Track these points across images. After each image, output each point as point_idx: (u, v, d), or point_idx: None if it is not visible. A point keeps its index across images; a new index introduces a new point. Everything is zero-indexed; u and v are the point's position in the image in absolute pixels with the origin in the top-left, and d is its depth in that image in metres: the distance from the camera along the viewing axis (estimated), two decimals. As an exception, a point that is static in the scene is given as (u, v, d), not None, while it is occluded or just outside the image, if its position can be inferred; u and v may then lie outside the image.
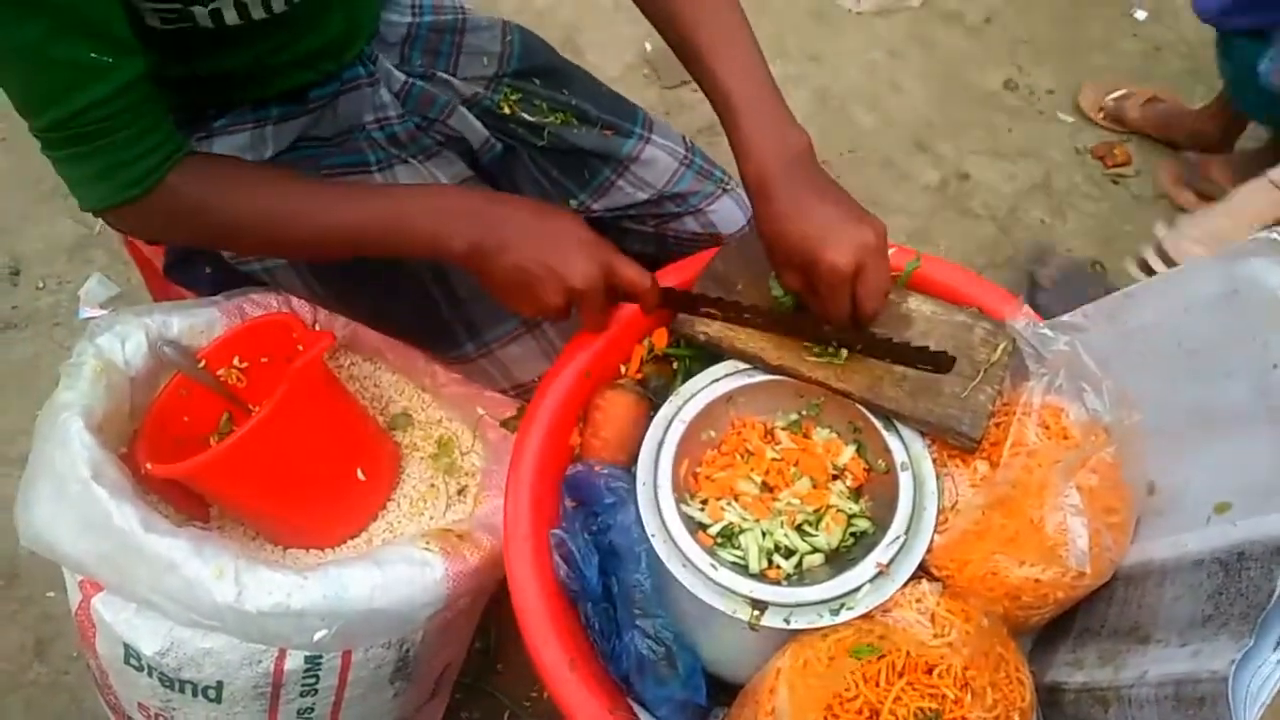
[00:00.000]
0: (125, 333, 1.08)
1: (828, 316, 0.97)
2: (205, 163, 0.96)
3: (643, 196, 1.28)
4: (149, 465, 1.02)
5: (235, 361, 1.15)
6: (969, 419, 0.96)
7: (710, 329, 1.03)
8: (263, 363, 1.15)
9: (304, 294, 1.18)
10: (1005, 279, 2.02)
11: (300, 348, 1.10)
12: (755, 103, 0.98)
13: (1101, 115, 2.27)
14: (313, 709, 1.05)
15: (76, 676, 1.58)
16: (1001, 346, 1.00)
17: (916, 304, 1.05)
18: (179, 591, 0.93)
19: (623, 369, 1.11)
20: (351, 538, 1.17)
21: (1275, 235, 0.82)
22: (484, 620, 1.31)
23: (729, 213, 1.33)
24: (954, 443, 0.96)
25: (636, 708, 0.95)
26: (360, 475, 1.14)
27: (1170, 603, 0.83)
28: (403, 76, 1.17)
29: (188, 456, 1.02)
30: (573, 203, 1.27)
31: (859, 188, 2.15)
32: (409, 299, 0.96)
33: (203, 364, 1.12)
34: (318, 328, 1.19)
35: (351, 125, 1.14)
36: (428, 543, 1.03)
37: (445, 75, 1.21)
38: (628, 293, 0.99)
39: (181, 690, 1.01)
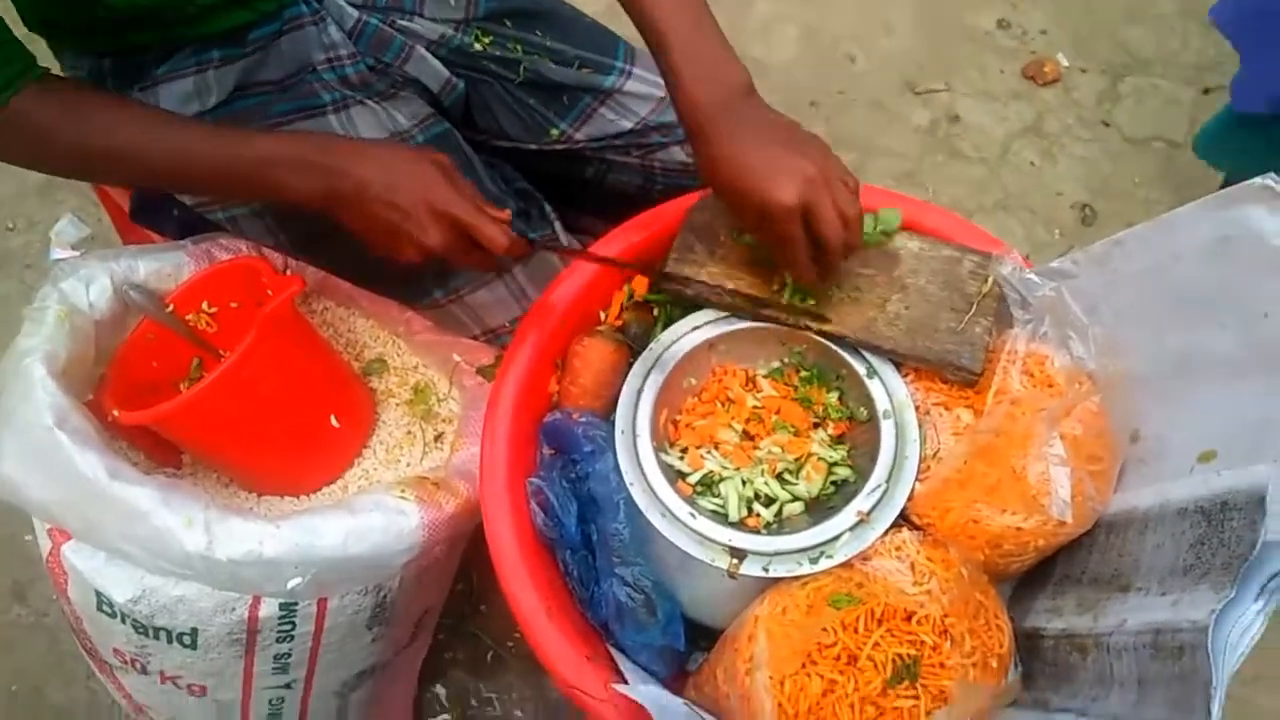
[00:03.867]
0: (89, 276, 1.05)
1: (787, 260, 0.93)
2: (57, 87, 0.93)
3: (627, 125, 1.24)
4: (116, 412, 0.99)
5: (204, 306, 1.12)
6: (968, 352, 0.94)
7: (698, 282, 1.01)
8: (232, 308, 1.12)
9: (268, 241, 1.15)
10: (995, 223, 2.00)
11: (270, 292, 1.07)
12: (688, 39, 0.94)
13: None
14: (290, 654, 1.05)
15: (56, 618, 1.58)
16: (992, 278, 0.98)
17: (902, 241, 1.03)
18: (148, 540, 0.91)
19: (602, 315, 1.08)
20: (327, 485, 1.15)
21: (1270, 182, 0.79)
22: (465, 562, 1.31)
23: None
24: (954, 377, 0.95)
25: (615, 653, 0.95)
26: (334, 422, 1.12)
27: (1151, 551, 0.82)
28: (355, 13, 1.12)
29: (157, 403, 0.99)
30: (554, 131, 1.24)
31: (848, 130, 2.13)
32: None
33: (170, 308, 1.09)
34: (289, 273, 1.16)
35: (301, 66, 1.10)
36: (403, 490, 1.01)
37: (406, 22, 1.16)
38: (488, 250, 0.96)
39: (156, 637, 1.00)
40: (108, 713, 1.53)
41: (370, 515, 0.98)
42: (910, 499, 0.91)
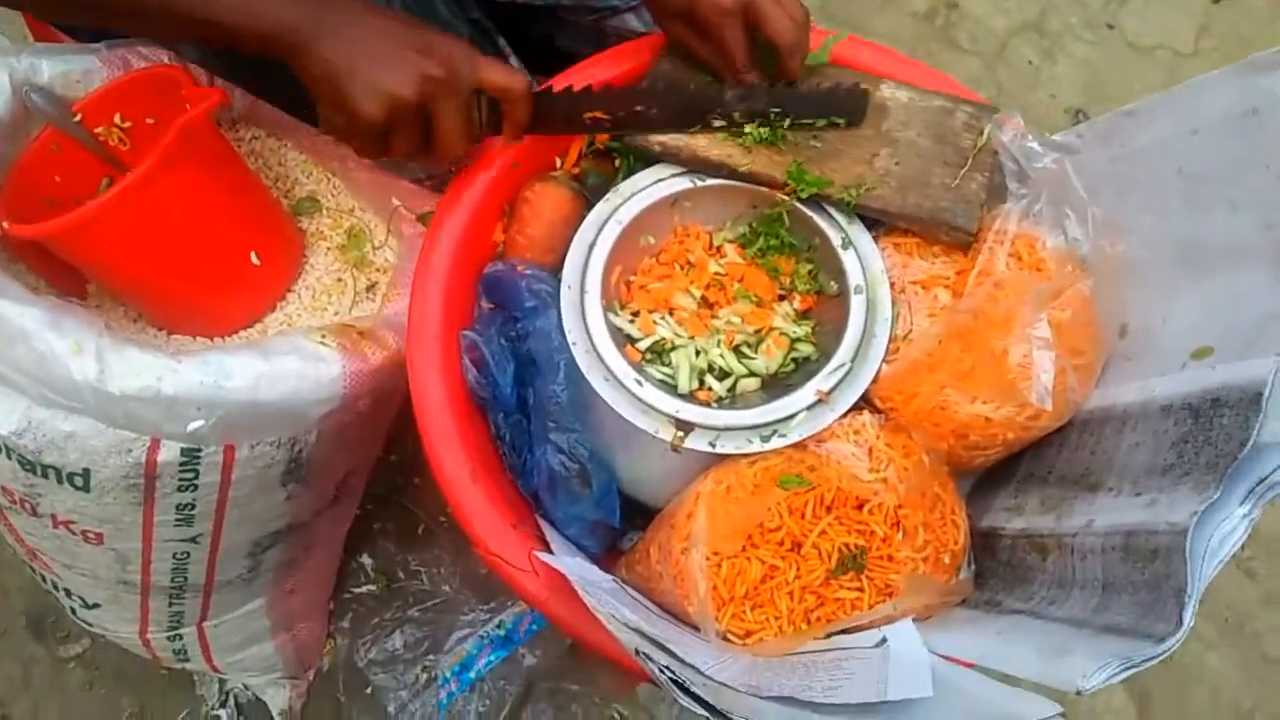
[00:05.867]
0: (-16, 74, 0.93)
1: (728, 63, 0.88)
2: None
3: None
4: (6, 224, 0.89)
5: (116, 120, 1.00)
6: (962, 210, 0.87)
7: (665, 137, 0.91)
8: (148, 124, 1.01)
9: (191, 56, 1.03)
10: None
11: (190, 108, 0.95)
12: None
13: None
14: (193, 505, 0.97)
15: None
16: (987, 129, 0.90)
17: (891, 91, 0.94)
18: (31, 365, 0.81)
19: (558, 162, 0.99)
20: (244, 328, 1.05)
21: (1308, 47, 0.71)
22: (399, 431, 1.23)
23: None
24: (947, 238, 0.88)
25: (544, 525, 0.88)
26: (255, 259, 1.02)
27: (1128, 450, 0.76)
28: None
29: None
30: None
31: (840, 12, 2.00)
32: None
33: (78, 118, 0.97)
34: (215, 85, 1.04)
35: None
36: (323, 337, 0.92)
37: None
38: (496, 97, 0.86)
39: (45, 475, 0.91)
40: (13, 559, 1.45)
41: (285, 359, 0.89)
42: (875, 381, 0.84)
